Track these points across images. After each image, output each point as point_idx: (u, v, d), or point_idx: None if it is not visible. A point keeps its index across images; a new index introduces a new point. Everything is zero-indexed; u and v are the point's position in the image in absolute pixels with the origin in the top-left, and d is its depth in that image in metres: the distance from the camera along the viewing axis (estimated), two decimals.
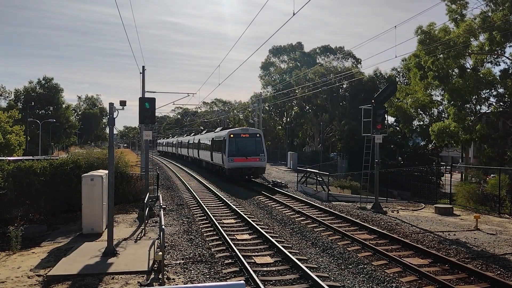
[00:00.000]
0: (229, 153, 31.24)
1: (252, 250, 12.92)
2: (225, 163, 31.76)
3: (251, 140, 32.06)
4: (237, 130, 33.41)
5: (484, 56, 37.31)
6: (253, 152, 31.30)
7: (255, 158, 31.08)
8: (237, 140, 31.72)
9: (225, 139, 32.12)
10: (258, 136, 32.52)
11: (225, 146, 31.86)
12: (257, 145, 31.73)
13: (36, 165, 17.85)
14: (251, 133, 33.00)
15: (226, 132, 32.54)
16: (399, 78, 64.37)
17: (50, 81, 79.28)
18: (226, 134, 32.24)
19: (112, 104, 12.31)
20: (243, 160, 30.83)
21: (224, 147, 31.98)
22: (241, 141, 31.70)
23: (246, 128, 34.82)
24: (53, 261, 11.66)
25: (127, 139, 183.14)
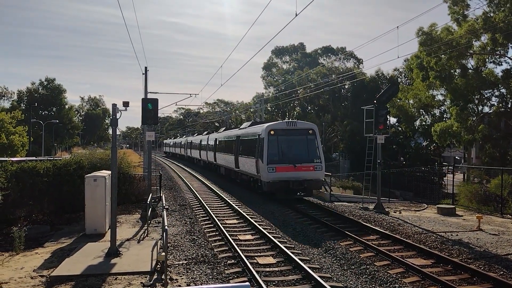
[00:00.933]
0: (269, 158, 21.95)
1: (254, 250, 12.96)
2: (262, 173, 22.41)
3: (301, 138, 22.77)
4: (279, 124, 23.72)
5: (486, 56, 37.28)
6: (304, 157, 22.17)
7: (307, 166, 21.86)
8: (280, 139, 22.49)
9: (261, 137, 22.92)
10: (311, 132, 22.88)
11: (261, 148, 22.56)
12: (311, 147, 22.56)
13: (39, 166, 17.92)
14: (300, 127, 23.09)
15: (264, 128, 22.88)
16: (401, 79, 64.36)
17: (53, 81, 79.53)
18: (263, 130, 22.77)
19: (115, 105, 12.36)
20: (290, 170, 21.63)
21: (260, 150, 22.66)
22: (287, 141, 22.60)
23: (293, 122, 23.67)
24: (56, 261, 11.71)
25: (129, 139, 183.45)
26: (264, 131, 22.68)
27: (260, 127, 24.17)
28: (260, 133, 23.21)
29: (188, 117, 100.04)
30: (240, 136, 28.44)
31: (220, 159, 35.09)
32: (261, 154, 22.35)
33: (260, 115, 48.14)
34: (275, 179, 21.66)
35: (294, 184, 21.47)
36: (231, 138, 31.67)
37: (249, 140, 25.83)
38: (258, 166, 23.00)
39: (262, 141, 22.66)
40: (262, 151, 22.38)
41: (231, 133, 33.08)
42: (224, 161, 33.56)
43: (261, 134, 22.92)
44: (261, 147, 22.63)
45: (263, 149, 22.30)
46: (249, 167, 25.25)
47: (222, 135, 36.23)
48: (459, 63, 36.70)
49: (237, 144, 28.63)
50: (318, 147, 22.72)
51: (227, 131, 36.26)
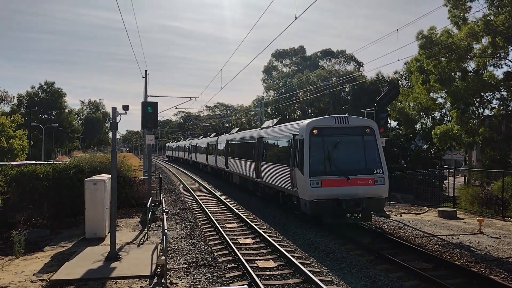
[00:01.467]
0: (312, 168, 15.95)
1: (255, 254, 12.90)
2: (301, 188, 16.34)
3: (356, 140, 16.78)
4: (325, 121, 17.18)
5: (487, 59, 37.27)
6: (361, 165, 16.31)
7: (365, 179, 15.97)
8: (327, 140, 16.36)
9: (299, 138, 16.87)
10: (369, 131, 16.83)
11: (300, 153, 16.46)
12: (369, 151, 16.63)
13: (39, 170, 17.90)
14: (354, 125, 16.91)
15: (303, 126, 16.81)
16: (401, 82, 64.45)
17: (52, 85, 79.61)
18: (302, 129, 16.77)
19: (115, 108, 12.36)
20: (341, 184, 15.70)
21: (299, 156, 16.50)
22: (337, 143, 16.36)
23: (344, 117, 17.09)
24: (56, 265, 11.67)
25: (129, 143, 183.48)
26: (303, 130, 16.58)
27: (296, 124, 18.54)
28: (297, 133, 17.19)
29: (188, 120, 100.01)
30: (263, 137, 23.02)
31: (234, 165, 30.13)
32: (300, 162, 16.27)
33: (260, 118, 48.14)
34: (321, 196, 15.48)
35: (349, 204, 15.39)
36: (249, 140, 26.49)
37: (278, 143, 20.64)
38: (294, 178, 16.96)
39: (300, 143, 16.56)
40: (301, 158, 16.25)
41: (248, 134, 27.81)
42: (238, 168, 28.45)
43: (299, 133, 16.92)
44: (299, 152, 16.49)
45: (302, 154, 16.15)
46: (278, 178, 19.41)
47: (236, 136, 31.08)
48: (459, 66, 36.70)
49: (258, 147, 23.47)
50: (379, 152, 16.62)
51: (242, 132, 30.78)
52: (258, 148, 23.59)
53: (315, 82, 62.74)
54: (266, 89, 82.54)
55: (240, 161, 27.97)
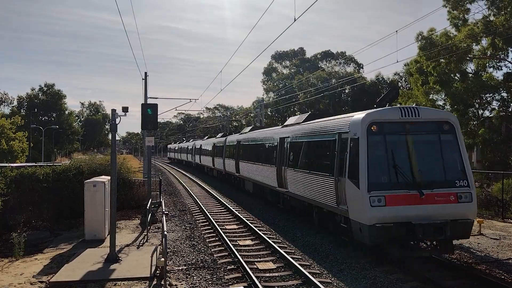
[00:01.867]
0: (371, 179, 11.65)
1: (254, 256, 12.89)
2: (354, 206, 12.07)
3: (431, 140, 12.54)
4: (387, 113, 12.58)
5: (486, 61, 37.28)
6: (438, 175, 12.13)
7: (446, 195, 11.76)
8: (391, 140, 12.26)
9: (350, 137, 12.59)
10: (448, 128, 12.58)
11: (352, 157, 12.34)
12: (448, 155, 12.41)
13: (39, 172, 17.92)
14: (427, 118, 12.56)
15: (357, 120, 12.52)
16: (401, 83, 64.50)
17: (52, 87, 79.71)
18: (356, 124, 12.46)
19: (115, 110, 12.37)
20: (413, 201, 11.46)
21: (350, 161, 12.41)
22: (404, 144, 12.23)
23: (412, 108, 12.50)
24: (55, 267, 11.67)
25: (129, 145, 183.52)
26: (357, 126, 12.23)
27: (342, 119, 13.94)
28: (346, 130, 12.89)
29: (188, 122, 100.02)
30: (288, 137, 18.90)
31: (247, 170, 26.16)
32: (352, 170, 12.05)
33: (260, 120, 48.16)
34: (386, 219, 11.18)
35: (426, 230, 11.12)
36: (267, 141, 22.66)
37: (313, 144, 16.04)
38: (341, 192, 12.71)
39: (352, 145, 12.27)
40: (354, 165, 12.01)
41: (266, 133, 23.88)
42: (253, 174, 24.59)
43: (350, 131, 12.58)
44: (351, 157, 12.25)
45: (357, 160, 11.85)
46: (312, 190, 15.23)
47: (250, 136, 27.11)
48: (458, 67, 36.70)
49: (281, 149, 19.53)
50: (462, 156, 12.34)
51: (258, 131, 26.59)
52: (281, 150, 19.55)
53: (315, 84, 62.79)
54: (266, 91, 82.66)
55: (256, 165, 23.92)
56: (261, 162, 22.89)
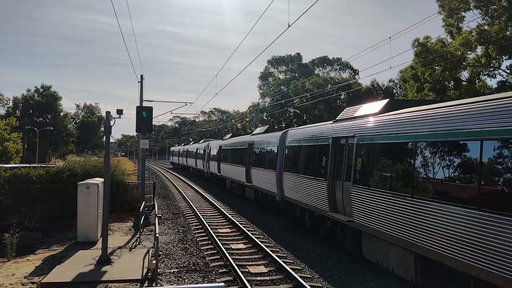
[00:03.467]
0: None
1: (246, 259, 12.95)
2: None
3: None
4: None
5: (480, 69, 37.62)
6: None
7: None
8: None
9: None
10: None
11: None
12: None
13: (33, 173, 17.91)
14: None
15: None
16: (396, 90, 64.81)
17: (48, 89, 79.60)
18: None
19: (109, 112, 12.44)
20: None
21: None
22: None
23: None
24: (47, 268, 11.67)
25: (124, 147, 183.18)
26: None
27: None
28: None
29: (183, 125, 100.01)
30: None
31: (304, 192, 15.86)
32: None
33: (255, 125, 48.25)
34: None
35: None
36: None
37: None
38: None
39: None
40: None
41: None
42: (310, 198, 15.21)
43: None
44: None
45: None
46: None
47: (305, 132, 16.91)
48: (453, 75, 37.02)
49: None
50: None
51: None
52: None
53: (311, 89, 63.01)
54: (262, 96, 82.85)
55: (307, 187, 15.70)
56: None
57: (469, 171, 7.88)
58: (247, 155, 24.32)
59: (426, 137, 9.03)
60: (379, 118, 11.35)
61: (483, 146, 7.43)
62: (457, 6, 34.43)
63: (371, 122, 11.66)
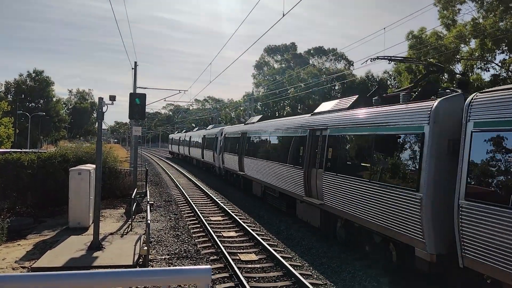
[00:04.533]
0: None
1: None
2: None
3: None
4: None
5: (474, 62, 37.73)
6: None
7: None
8: None
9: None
10: None
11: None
12: None
13: (24, 158, 17.82)
14: None
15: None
16: (390, 81, 64.92)
17: (41, 74, 78.84)
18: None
19: (102, 98, 12.37)
20: None
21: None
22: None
23: None
24: (38, 253, 11.68)
25: (117, 134, 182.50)
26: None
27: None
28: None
29: (177, 113, 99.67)
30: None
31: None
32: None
33: (249, 114, 48.20)
34: None
35: None
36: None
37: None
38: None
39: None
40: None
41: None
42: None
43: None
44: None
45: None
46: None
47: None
48: (447, 68, 37.07)
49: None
50: None
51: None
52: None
53: (306, 79, 62.93)
54: (257, 85, 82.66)
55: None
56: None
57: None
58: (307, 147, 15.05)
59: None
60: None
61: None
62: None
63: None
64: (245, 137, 24.00)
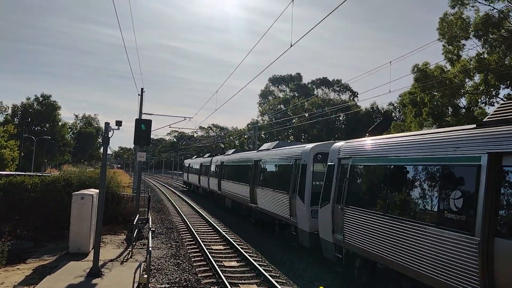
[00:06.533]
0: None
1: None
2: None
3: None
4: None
5: (478, 96, 37.92)
6: None
7: None
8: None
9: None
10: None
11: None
12: None
13: (28, 181, 17.83)
14: None
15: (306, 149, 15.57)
16: (395, 113, 65.18)
17: (48, 98, 79.66)
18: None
19: (108, 123, 12.44)
20: None
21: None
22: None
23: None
24: (37, 278, 11.53)
25: (121, 159, 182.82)
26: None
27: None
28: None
29: (181, 140, 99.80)
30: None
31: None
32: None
33: (253, 142, 48.30)
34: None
35: None
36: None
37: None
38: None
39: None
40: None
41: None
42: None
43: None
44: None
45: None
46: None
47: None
48: (451, 101, 37.28)
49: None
50: None
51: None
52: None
53: (310, 109, 63.31)
54: (262, 113, 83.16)
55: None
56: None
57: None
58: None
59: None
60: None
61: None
62: (457, 34, 34.87)
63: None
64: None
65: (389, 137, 10.89)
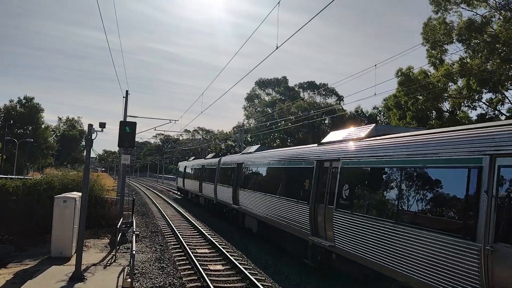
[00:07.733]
0: None
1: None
2: None
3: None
4: None
5: (461, 100, 38.42)
6: None
7: None
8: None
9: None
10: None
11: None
12: None
13: (9, 184, 17.47)
14: None
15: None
16: (379, 117, 65.72)
17: (31, 100, 78.60)
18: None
19: (91, 125, 12.28)
20: None
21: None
22: None
23: None
24: (18, 283, 11.30)
25: (105, 163, 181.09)
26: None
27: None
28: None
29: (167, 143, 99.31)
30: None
31: None
32: None
33: (239, 145, 48.21)
34: None
35: None
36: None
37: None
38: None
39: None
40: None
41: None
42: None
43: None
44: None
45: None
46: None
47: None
48: (434, 105, 37.69)
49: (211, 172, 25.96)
50: None
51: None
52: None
53: (296, 113, 63.49)
54: (247, 117, 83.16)
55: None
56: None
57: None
58: None
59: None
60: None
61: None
62: (441, 38, 35.30)
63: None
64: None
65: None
